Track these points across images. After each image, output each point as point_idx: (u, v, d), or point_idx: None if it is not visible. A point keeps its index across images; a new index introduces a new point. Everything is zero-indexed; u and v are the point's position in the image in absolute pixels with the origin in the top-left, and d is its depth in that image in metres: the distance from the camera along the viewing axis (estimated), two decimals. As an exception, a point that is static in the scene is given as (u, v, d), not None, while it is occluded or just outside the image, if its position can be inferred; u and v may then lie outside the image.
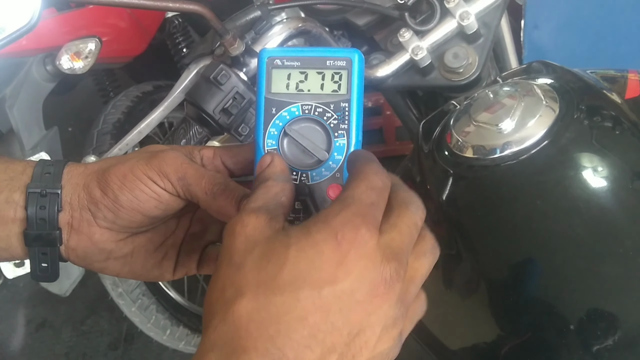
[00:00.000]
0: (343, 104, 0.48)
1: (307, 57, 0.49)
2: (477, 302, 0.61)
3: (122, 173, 0.49)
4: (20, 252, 0.51)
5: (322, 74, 0.49)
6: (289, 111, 0.49)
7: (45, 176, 0.50)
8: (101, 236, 0.51)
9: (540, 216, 0.56)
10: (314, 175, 0.49)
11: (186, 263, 0.56)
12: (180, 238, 0.56)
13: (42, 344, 2.21)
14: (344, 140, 0.48)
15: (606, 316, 0.52)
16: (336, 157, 0.48)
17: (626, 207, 0.55)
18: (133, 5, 0.57)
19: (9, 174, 0.51)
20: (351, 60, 0.48)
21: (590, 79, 0.66)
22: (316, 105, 0.49)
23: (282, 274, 0.35)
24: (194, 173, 0.49)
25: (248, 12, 0.71)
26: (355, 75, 0.48)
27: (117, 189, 0.49)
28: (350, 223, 0.36)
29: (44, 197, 0.49)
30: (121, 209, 0.49)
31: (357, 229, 0.36)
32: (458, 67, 0.80)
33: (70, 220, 0.50)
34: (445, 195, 0.64)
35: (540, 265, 0.56)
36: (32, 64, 1.52)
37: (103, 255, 0.52)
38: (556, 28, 2.11)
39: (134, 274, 0.54)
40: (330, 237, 0.36)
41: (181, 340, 1.76)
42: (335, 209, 0.37)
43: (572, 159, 0.58)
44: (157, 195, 0.49)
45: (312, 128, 0.49)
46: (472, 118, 0.63)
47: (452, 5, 0.78)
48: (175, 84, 0.74)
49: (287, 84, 0.49)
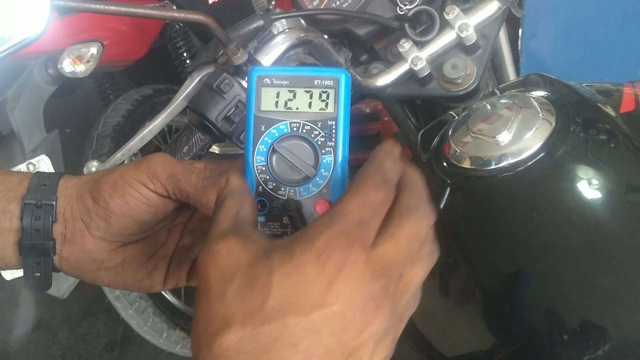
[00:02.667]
0: (330, 122, 0.50)
1: (295, 76, 0.51)
2: (473, 311, 0.62)
3: (113, 180, 0.50)
4: (15, 262, 0.52)
5: (310, 93, 0.50)
6: (277, 128, 0.50)
7: (41, 188, 0.52)
8: (94, 246, 0.52)
9: (535, 227, 0.57)
10: (301, 191, 0.50)
11: (176, 274, 0.57)
12: (171, 250, 0.57)
13: (38, 345, 2.21)
14: (330, 157, 0.50)
15: (598, 327, 0.53)
16: (323, 174, 0.50)
17: (620, 220, 0.56)
18: (139, 15, 0.58)
19: (7, 185, 0.52)
20: (338, 80, 0.50)
21: (586, 93, 0.67)
22: (304, 123, 0.50)
23: (268, 302, 0.34)
24: (182, 169, 0.50)
25: (251, 21, 0.72)
26: (342, 94, 0.50)
27: (108, 197, 0.50)
28: (334, 243, 0.35)
29: (39, 208, 0.51)
30: (112, 216, 0.50)
31: (341, 250, 0.34)
32: (456, 77, 0.81)
33: (64, 231, 0.52)
34: (443, 205, 0.65)
35: (534, 275, 0.57)
36: (34, 67, 1.53)
37: (95, 265, 0.53)
38: (554, 37, 2.13)
39: (125, 284, 0.55)
40: (313, 259, 0.34)
41: (177, 344, 1.77)
42: (319, 227, 0.36)
43: (568, 171, 0.59)
44: (147, 198, 0.50)
45: (300, 145, 0.50)
46: (470, 129, 0.64)
47: (451, 17, 0.79)
48: (178, 91, 0.75)
49: (276, 102, 0.50)
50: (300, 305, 0.34)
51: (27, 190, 0.51)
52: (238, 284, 0.35)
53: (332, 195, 0.49)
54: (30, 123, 1.52)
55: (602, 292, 0.54)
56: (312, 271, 0.34)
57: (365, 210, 0.36)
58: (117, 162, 0.79)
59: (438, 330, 0.68)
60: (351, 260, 0.34)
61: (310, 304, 0.34)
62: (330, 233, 0.35)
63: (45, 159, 1.26)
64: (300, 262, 0.34)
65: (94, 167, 0.81)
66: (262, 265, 0.35)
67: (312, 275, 0.34)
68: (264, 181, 0.51)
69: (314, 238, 0.35)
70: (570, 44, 2.13)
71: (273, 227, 0.51)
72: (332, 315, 0.34)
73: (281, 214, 0.50)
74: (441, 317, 0.67)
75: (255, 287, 0.35)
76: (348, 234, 0.35)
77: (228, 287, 0.35)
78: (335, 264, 0.34)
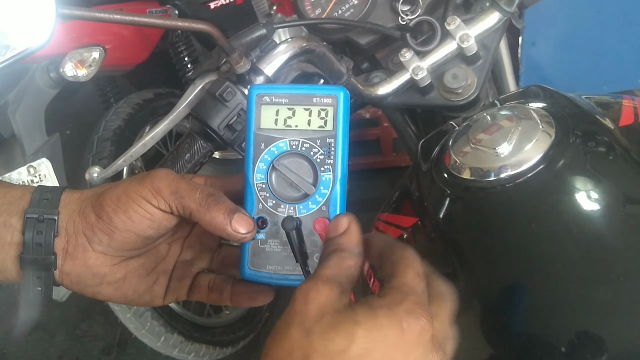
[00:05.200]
0: (329, 140, 0.50)
1: (294, 94, 0.51)
2: (470, 322, 0.62)
3: (116, 196, 0.50)
4: (15, 275, 0.52)
5: (309, 110, 0.51)
6: (277, 146, 0.51)
7: (43, 202, 0.51)
8: (95, 261, 0.52)
9: (534, 239, 0.58)
10: (301, 208, 0.51)
11: (177, 289, 0.57)
12: (172, 264, 0.57)
13: (35, 347, 2.21)
14: (329, 175, 0.50)
15: (596, 339, 0.54)
16: (322, 191, 0.51)
17: (618, 232, 0.57)
18: (143, 24, 0.59)
19: (8, 198, 0.52)
20: (337, 97, 0.51)
21: (585, 105, 0.68)
22: (303, 140, 0.51)
23: (350, 350, 0.38)
24: (186, 186, 0.50)
25: (254, 30, 0.72)
26: (340, 111, 0.50)
27: (112, 212, 0.50)
28: (414, 313, 0.40)
29: (41, 223, 0.50)
30: (116, 231, 0.50)
31: (418, 319, 0.40)
32: (457, 87, 0.81)
33: (66, 245, 0.52)
34: (442, 215, 0.65)
35: (533, 287, 0.58)
36: (35, 71, 1.53)
37: (96, 279, 0.53)
38: (553, 45, 2.13)
39: (126, 299, 0.55)
40: (396, 324, 0.39)
41: (175, 347, 1.76)
42: (397, 297, 0.41)
43: (567, 183, 0.59)
44: (150, 214, 0.50)
45: (299, 163, 0.51)
46: (470, 140, 0.65)
47: (452, 27, 0.80)
48: (181, 98, 0.75)
49: (276, 119, 0.51)
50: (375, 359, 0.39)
51: (29, 204, 0.51)
52: (325, 325, 0.39)
53: (330, 212, 0.50)
54: (32, 126, 1.52)
55: (600, 305, 0.54)
56: (393, 334, 0.39)
57: (420, 279, 0.43)
58: (119, 168, 0.80)
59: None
60: (425, 329, 0.40)
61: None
62: (409, 303, 0.40)
63: (45, 162, 1.26)
64: (383, 324, 0.39)
65: (95, 173, 0.81)
66: (348, 316, 0.40)
67: (393, 338, 0.39)
68: (264, 199, 0.51)
69: (395, 306, 0.40)
70: (569, 52, 2.14)
71: (273, 244, 0.52)
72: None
73: (281, 232, 0.51)
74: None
75: (339, 332, 0.39)
76: (421, 305, 0.41)
77: (316, 325, 0.40)
78: (413, 331, 0.39)
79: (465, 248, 0.63)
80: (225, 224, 0.49)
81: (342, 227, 0.47)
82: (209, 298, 0.58)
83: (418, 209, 0.72)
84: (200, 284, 0.58)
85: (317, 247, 0.51)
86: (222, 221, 0.49)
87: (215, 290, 0.57)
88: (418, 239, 0.71)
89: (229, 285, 0.57)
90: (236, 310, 2.06)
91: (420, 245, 0.71)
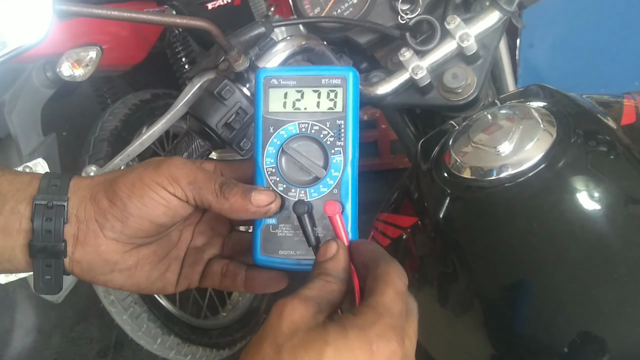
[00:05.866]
0: (339, 121, 0.49)
1: (302, 76, 0.50)
2: (471, 321, 0.62)
3: (131, 181, 0.50)
4: (24, 264, 0.51)
5: (318, 92, 0.50)
6: (286, 130, 0.50)
7: (52, 188, 0.50)
8: (107, 247, 0.51)
9: (535, 239, 0.57)
10: (312, 192, 0.50)
11: (189, 276, 0.57)
12: (183, 250, 0.57)
13: (31, 349, 2.20)
14: (340, 157, 0.49)
15: (598, 340, 0.53)
16: (333, 174, 0.50)
17: (620, 232, 0.56)
18: (141, 20, 0.58)
19: (16, 185, 0.51)
20: (346, 78, 0.50)
21: (587, 104, 0.68)
22: (312, 123, 0.50)
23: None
24: (203, 177, 0.50)
25: (252, 28, 0.72)
26: (350, 92, 0.49)
27: (126, 197, 0.49)
28: (385, 336, 0.40)
29: (50, 209, 0.49)
30: (130, 217, 0.50)
31: (389, 342, 0.40)
32: (457, 87, 0.81)
33: (77, 232, 0.51)
34: (442, 214, 0.65)
35: (534, 287, 0.57)
36: (32, 70, 1.51)
37: (108, 267, 0.52)
38: (551, 47, 2.14)
39: (138, 287, 0.54)
40: (365, 346, 0.39)
41: (172, 349, 1.75)
42: (369, 318, 0.41)
43: (569, 183, 0.59)
44: (166, 201, 0.50)
45: (309, 146, 0.50)
46: (470, 139, 0.64)
47: (452, 26, 0.79)
48: (179, 96, 0.75)
49: (284, 102, 0.50)
50: None
51: (37, 191, 0.50)
52: (296, 343, 0.40)
53: (342, 195, 0.49)
54: (28, 126, 1.51)
55: (602, 305, 0.54)
56: (362, 355, 0.39)
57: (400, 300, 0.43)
58: (116, 167, 0.79)
59: (436, 341, 0.68)
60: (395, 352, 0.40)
61: None
62: (381, 325, 0.40)
63: (42, 162, 1.25)
64: (353, 345, 0.39)
65: (92, 172, 0.80)
66: (319, 334, 0.40)
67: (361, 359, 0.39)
68: (274, 183, 0.51)
69: (367, 327, 0.40)
70: (567, 53, 2.14)
71: (285, 229, 0.51)
72: None
73: (292, 216, 0.50)
74: (439, 327, 0.67)
75: (309, 351, 0.39)
76: (395, 328, 0.41)
77: (288, 342, 0.40)
78: (382, 354, 0.40)
79: (466, 248, 0.63)
80: (246, 204, 0.49)
81: (331, 253, 0.47)
82: (221, 284, 0.57)
83: (418, 209, 0.72)
84: (213, 270, 0.57)
85: (329, 231, 0.50)
86: (242, 202, 0.49)
87: (228, 276, 0.57)
88: (418, 238, 0.71)
89: (242, 271, 0.57)
90: (233, 312, 2.06)
91: (420, 245, 0.71)
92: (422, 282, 0.68)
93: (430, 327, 0.67)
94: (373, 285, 0.43)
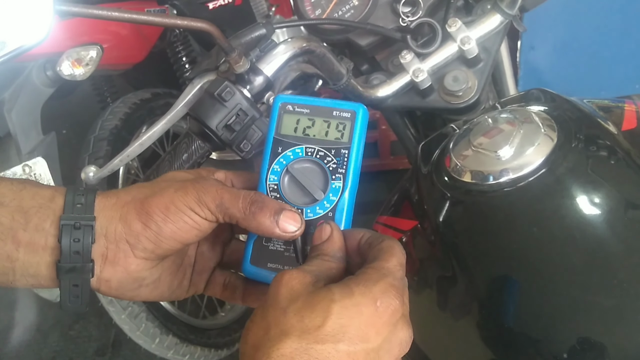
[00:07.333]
0: (343, 151, 0.52)
1: (316, 106, 0.54)
2: (470, 325, 0.62)
3: (164, 205, 0.50)
4: (49, 281, 0.50)
5: (328, 123, 0.53)
6: (293, 151, 0.53)
7: (77, 207, 0.50)
8: (137, 266, 0.51)
9: (536, 244, 0.57)
10: (308, 212, 0.52)
11: (196, 282, 0.58)
12: (193, 257, 0.58)
13: (29, 347, 2.19)
14: (339, 183, 0.52)
15: (598, 345, 0.53)
16: (331, 198, 0.52)
17: (621, 238, 0.56)
18: (142, 21, 0.58)
19: (38, 200, 0.50)
20: (356, 113, 0.53)
21: (588, 109, 0.67)
22: (319, 149, 0.53)
23: (326, 326, 0.40)
24: (229, 196, 0.50)
25: (253, 30, 0.71)
26: (358, 126, 0.53)
27: (161, 222, 0.49)
28: (389, 293, 0.42)
29: (77, 230, 0.49)
30: (163, 240, 0.50)
31: (393, 299, 0.42)
32: (457, 90, 0.81)
33: (105, 252, 0.50)
34: (442, 218, 0.65)
35: (534, 292, 0.57)
36: (32, 69, 1.51)
37: (136, 283, 0.52)
38: (552, 49, 2.13)
39: (162, 296, 0.55)
40: (370, 302, 0.41)
41: (170, 349, 1.75)
42: (374, 277, 0.43)
43: (569, 188, 0.58)
44: (198, 225, 0.50)
45: (312, 169, 0.53)
46: (471, 143, 0.64)
47: (453, 29, 0.79)
48: (179, 97, 0.74)
49: (296, 127, 0.54)
50: (350, 335, 0.40)
51: (62, 209, 0.50)
52: (300, 304, 0.41)
53: (336, 219, 0.52)
54: (27, 125, 1.51)
55: (602, 310, 0.54)
56: (367, 311, 0.41)
57: (401, 268, 0.45)
58: (115, 168, 0.79)
59: (435, 344, 0.68)
60: (397, 309, 0.43)
61: (358, 337, 0.41)
62: (385, 284, 0.43)
63: (41, 161, 1.25)
64: (359, 301, 0.41)
65: (91, 172, 0.80)
66: (324, 295, 0.42)
67: (367, 314, 0.41)
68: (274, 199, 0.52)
69: (371, 285, 0.42)
70: (568, 56, 2.14)
71: (277, 243, 0.54)
72: (371, 350, 0.41)
73: None
74: (438, 330, 0.67)
75: (315, 309, 0.41)
76: (397, 288, 0.43)
77: (291, 305, 0.41)
78: (386, 310, 0.42)
79: (466, 252, 0.63)
80: (272, 227, 0.50)
81: (326, 235, 0.49)
82: (222, 295, 0.59)
83: (418, 212, 0.71)
84: (216, 280, 0.59)
85: None
86: (269, 225, 0.50)
87: (229, 288, 0.59)
88: (417, 242, 0.71)
89: (242, 284, 0.58)
90: (232, 312, 2.06)
91: (419, 249, 0.70)
92: (422, 286, 0.68)
93: (429, 330, 0.67)
94: (377, 254, 0.46)
